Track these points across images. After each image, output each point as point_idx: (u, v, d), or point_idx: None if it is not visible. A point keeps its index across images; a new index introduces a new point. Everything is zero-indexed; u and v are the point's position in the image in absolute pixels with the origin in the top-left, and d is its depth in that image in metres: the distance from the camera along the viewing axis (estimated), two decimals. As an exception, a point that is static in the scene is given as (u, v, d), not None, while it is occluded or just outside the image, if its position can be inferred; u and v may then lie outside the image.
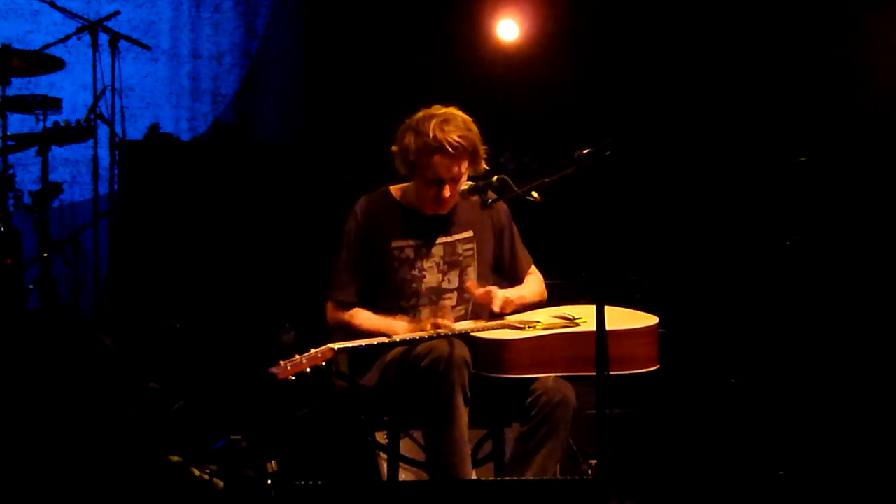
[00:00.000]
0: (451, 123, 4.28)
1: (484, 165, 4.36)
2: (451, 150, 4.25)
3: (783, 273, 6.22)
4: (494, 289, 4.38)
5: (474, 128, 4.34)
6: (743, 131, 6.83)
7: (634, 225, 6.86)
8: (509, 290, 4.46)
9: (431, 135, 4.25)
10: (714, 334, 6.33)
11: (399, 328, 4.28)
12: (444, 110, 4.34)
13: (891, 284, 6.11)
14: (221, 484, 3.42)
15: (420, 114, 4.35)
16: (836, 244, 6.25)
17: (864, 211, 6.31)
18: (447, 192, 4.33)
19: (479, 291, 4.36)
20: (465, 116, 4.36)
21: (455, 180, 4.32)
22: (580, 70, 7.63)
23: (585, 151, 3.81)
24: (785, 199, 6.40)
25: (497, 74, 7.76)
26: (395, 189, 4.50)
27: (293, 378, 4.01)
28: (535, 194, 4.06)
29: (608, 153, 3.77)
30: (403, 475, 4.56)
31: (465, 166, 4.32)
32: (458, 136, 4.26)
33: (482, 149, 4.35)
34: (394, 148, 4.39)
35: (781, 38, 6.79)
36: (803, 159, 6.29)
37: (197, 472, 3.34)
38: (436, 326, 4.22)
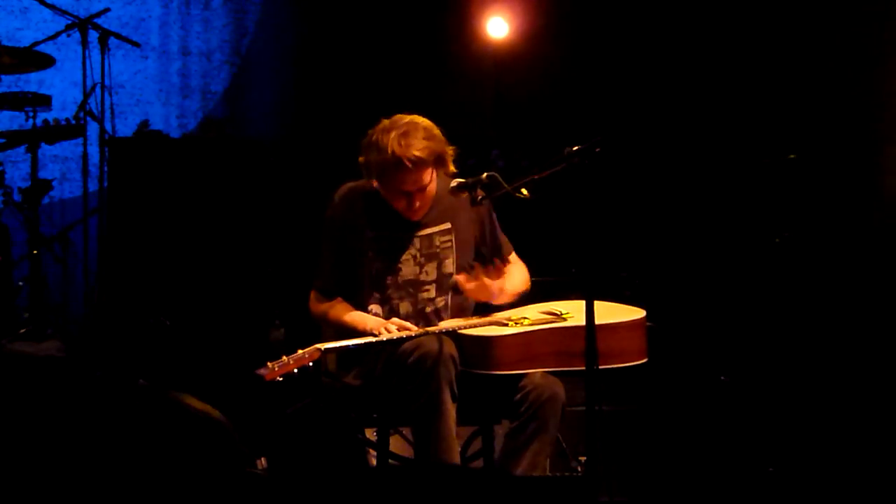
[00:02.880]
0: (411, 136, 4.23)
1: (452, 167, 4.35)
2: (409, 164, 4.21)
3: (772, 270, 6.23)
4: (485, 280, 4.37)
5: (437, 133, 4.30)
6: (733, 128, 6.84)
7: (624, 222, 6.87)
8: (497, 280, 4.45)
9: (390, 151, 4.20)
10: (704, 331, 6.34)
11: (370, 323, 4.29)
12: (405, 121, 4.28)
13: (879, 281, 6.12)
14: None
15: (381, 125, 4.30)
16: (825, 241, 6.27)
17: (853, 208, 6.32)
18: (417, 203, 4.33)
19: (470, 286, 4.36)
20: (427, 123, 4.31)
21: (422, 189, 4.30)
22: (570, 67, 7.63)
23: (575, 148, 3.80)
24: (774, 195, 6.41)
25: (487, 72, 7.77)
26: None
27: (281, 379, 4.01)
28: (524, 191, 4.06)
29: (598, 150, 3.77)
30: (392, 472, 4.55)
31: (429, 174, 4.29)
32: (417, 151, 4.21)
33: (448, 151, 4.32)
34: (360, 159, 4.36)
35: (771, 34, 6.80)
36: (793, 156, 6.30)
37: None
38: (402, 328, 4.21)
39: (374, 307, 4.39)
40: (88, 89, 6.73)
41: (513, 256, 4.65)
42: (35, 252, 6.53)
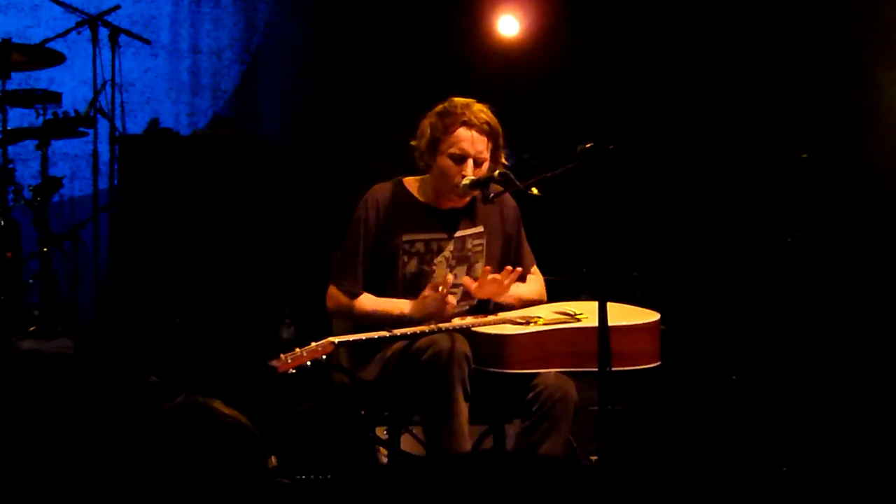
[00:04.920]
0: (477, 106, 4.35)
1: (503, 160, 4.36)
2: (477, 123, 4.29)
3: (784, 269, 6.21)
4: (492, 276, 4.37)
5: (496, 120, 4.40)
6: (744, 127, 6.82)
7: (636, 221, 6.85)
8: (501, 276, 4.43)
9: (459, 111, 4.31)
10: (715, 331, 6.32)
11: (406, 307, 4.28)
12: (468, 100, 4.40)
13: (890, 281, 6.10)
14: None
15: (442, 103, 4.39)
16: (837, 241, 6.25)
17: (865, 208, 6.30)
18: (469, 172, 4.32)
19: (474, 283, 4.35)
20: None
21: (478, 162, 4.30)
22: (580, 66, 7.62)
23: (588, 146, 3.79)
24: (786, 195, 6.39)
25: (497, 70, 7.75)
26: (408, 181, 4.47)
27: (293, 371, 3.99)
28: (534, 190, 4.05)
29: (611, 147, 3.76)
30: (403, 471, 4.53)
31: (488, 148, 4.32)
32: (485, 117, 4.32)
33: (502, 143, 4.38)
34: (413, 142, 4.40)
35: (782, 34, 6.78)
36: (805, 156, 6.29)
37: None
38: (434, 288, 4.21)
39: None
40: (98, 87, 6.72)
41: (534, 269, 4.63)
42: (45, 249, 6.52)
